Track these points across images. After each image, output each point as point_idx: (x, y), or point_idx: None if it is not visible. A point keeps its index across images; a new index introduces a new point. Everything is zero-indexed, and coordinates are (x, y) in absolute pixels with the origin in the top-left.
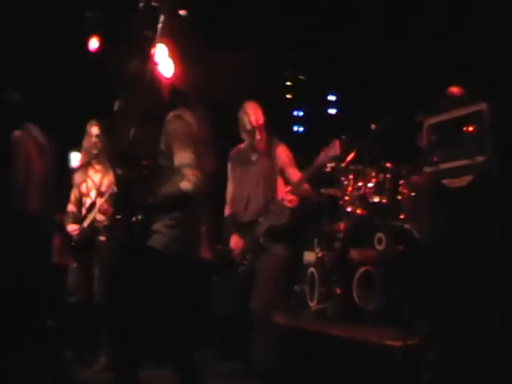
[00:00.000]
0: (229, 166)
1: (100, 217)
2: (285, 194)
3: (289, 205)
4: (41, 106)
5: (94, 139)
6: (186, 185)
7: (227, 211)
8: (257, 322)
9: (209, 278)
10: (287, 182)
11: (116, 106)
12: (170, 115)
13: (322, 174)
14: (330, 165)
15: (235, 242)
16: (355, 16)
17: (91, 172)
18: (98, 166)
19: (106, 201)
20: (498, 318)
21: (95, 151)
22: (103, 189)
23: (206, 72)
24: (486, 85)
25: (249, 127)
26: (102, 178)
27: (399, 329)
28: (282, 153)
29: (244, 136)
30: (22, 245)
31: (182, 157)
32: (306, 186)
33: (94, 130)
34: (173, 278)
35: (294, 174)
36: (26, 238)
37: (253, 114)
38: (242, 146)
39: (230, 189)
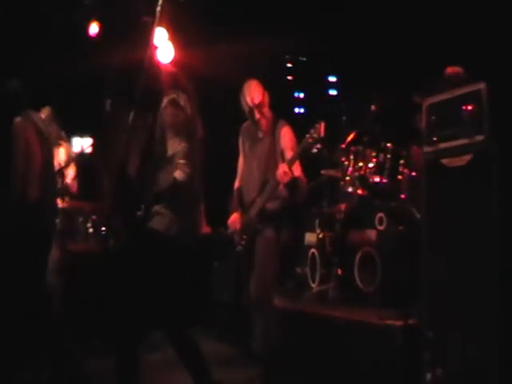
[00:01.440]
0: (240, 139)
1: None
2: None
3: (281, 179)
4: (42, 92)
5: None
6: (179, 174)
7: (236, 184)
8: (256, 307)
9: (210, 257)
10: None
11: (107, 105)
12: (165, 100)
13: (308, 156)
14: (316, 146)
15: (233, 219)
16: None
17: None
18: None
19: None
20: (497, 296)
21: None
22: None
23: (207, 55)
24: (483, 64)
25: (246, 108)
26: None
27: (399, 309)
28: (286, 135)
29: (247, 116)
30: (22, 233)
31: (175, 145)
32: (297, 171)
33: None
34: (174, 259)
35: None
36: (27, 225)
37: (248, 94)
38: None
39: (240, 162)
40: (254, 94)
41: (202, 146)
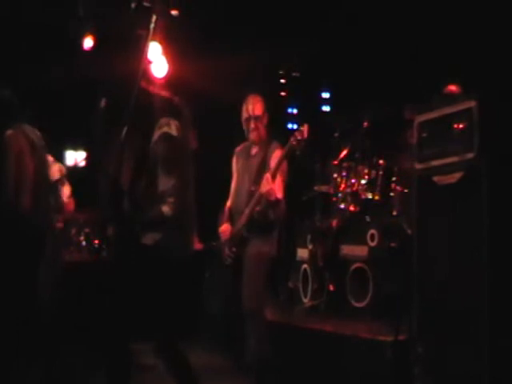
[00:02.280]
0: (233, 160)
1: None
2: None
3: (265, 188)
4: (35, 105)
5: None
6: (166, 210)
7: (228, 204)
8: (248, 320)
9: (201, 269)
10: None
11: (102, 103)
12: (157, 134)
13: (293, 159)
14: (300, 148)
15: (224, 228)
16: (350, 14)
17: None
18: None
19: None
20: (486, 312)
21: None
22: None
23: (200, 70)
24: (474, 82)
25: (245, 115)
26: None
27: (390, 324)
28: (277, 157)
29: (244, 126)
30: (15, 244)
31: (166, 182)
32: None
33: None
34: (166, 274)
35: (278, 186)
36: (19, 236)
37: (251, 104)
38: (247, 142)
39: (232, 183)
40: (256, 105)
41: (194, 158)
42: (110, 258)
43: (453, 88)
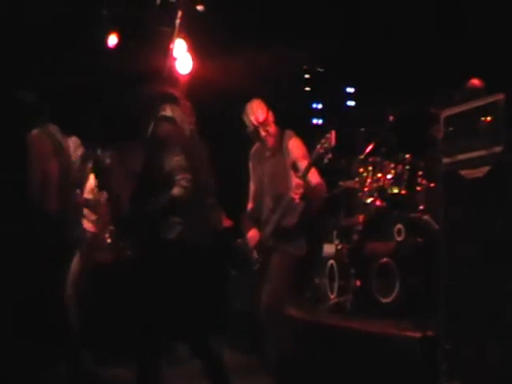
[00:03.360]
0: (250, 164)
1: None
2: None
3: (295, 196)
4: (59, 105)
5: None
6: (176, 190)
7: (249, 206)
8: (266, 318)
9: (227, 265)
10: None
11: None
12: (158, 117)
13: (320, 167)
14: (328, 156)
15: (252, 233)
16: (373, 9)
17: None
18: None
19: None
20: None
21: None
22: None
23: (225, 66)
24: (500, 75)
25: (251, 127)
26: None
27: (417, 321)
28: (295, 146)
29: (252, 136)
30: (41, 245)
31: (171, 161)
32: (315, 179)
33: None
34: (188, 266)
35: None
36: (47, 237)
37: (252, 114)
38: (260, 143)
39: (251, 187)
40: (257, 112)
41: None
42: (134, 257)
43: (475, 82)
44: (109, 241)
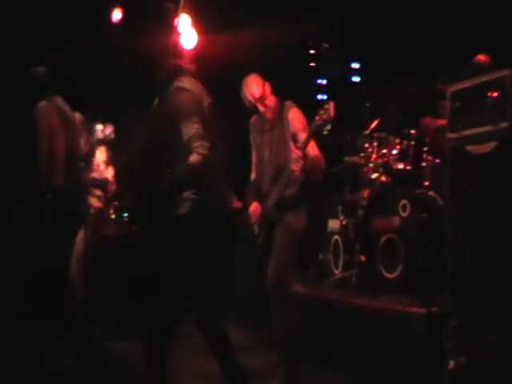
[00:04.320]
0: (251, 135)
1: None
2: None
3: (296, 169)
4: (65, 78)
5: None
6: (194, 158)
7: (252, 175)
8: (273, 295)
9: (233, 240)
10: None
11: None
12: (172, 87)
13: (319, 139)
14: (327, 127)
15: (254, 207)
16: None
17: None
18: None
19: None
20: None
21: None
22: None
23: (229, 42)
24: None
25: (248, 103)
26: None
27: (423, 296)
28: (294, 118)
29: (252, 112)
30: (48, 220)
31: (189, 129)
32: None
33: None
34: (198, 242)
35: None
36: (54, 210)
37: (247, 90)
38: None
39: (253, 156)
40: (252, 88)
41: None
42: (139, 231)
43: (482, 58)
44: (113, 216)
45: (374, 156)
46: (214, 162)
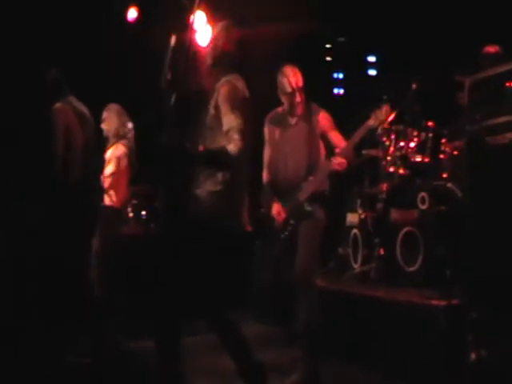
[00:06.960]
0: (266, 129)
1: None
2: (334, 157)
3: (338, 168)
4: (81, 78)
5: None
6: (231, 147)
7: (265, 177)
8: (299, 286)
9: (252, 238)
10: (328, 146)
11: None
12: (222, 80)
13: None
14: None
15: (277, 209)
16: None
17: None
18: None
19: None
20: None
21: None
22: None
23: (245, 38)
24: None
25: (289, 89)
26: None
27: (442, 289)
28: (324, 118)
29: (283, 99)
30: (65, 216)
31: (230, 120)
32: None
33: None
34: (217, 244)
35: (338, 137)
36: (69, 207)
37: (293, 76)
38: (281, 109)
39: (267, 152)
40: (297, 76)
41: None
42: (157, 230)
43: (491, 49)
44: (131, 214)
45: (391, 149)
46: (242, 162)
